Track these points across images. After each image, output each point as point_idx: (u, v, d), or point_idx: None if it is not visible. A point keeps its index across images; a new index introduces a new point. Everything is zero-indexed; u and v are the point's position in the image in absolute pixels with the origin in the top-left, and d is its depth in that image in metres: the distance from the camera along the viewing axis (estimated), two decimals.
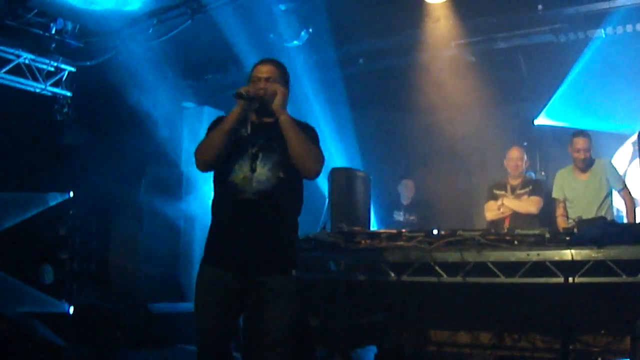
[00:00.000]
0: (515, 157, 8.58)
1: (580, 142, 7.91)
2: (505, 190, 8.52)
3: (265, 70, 4.64)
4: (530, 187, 8.42)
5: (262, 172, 4.45)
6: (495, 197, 8.51)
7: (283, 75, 4.70)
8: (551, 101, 10.50)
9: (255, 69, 4.70)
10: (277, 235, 4.49)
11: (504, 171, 8.72)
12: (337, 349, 6.69)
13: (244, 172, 4.45)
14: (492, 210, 8.44)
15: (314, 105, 10.44)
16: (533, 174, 9.93)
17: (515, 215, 8.26)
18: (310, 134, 4.64)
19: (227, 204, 4.50)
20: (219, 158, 4.49)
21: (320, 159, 4.58)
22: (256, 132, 4.57)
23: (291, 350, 4.47)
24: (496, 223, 8.31)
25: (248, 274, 4.40)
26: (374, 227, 8.72)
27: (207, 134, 4.62)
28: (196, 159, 4.54)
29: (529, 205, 8.29)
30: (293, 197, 4.64)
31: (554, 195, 8.22)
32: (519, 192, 8.41)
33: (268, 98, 4.50)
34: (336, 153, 10.41)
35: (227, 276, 4.40)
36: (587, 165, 7.98)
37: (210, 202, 4.69)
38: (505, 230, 6.41)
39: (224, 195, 4.54)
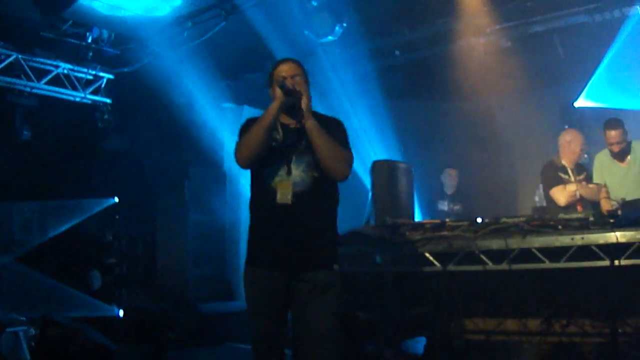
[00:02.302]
0: (573, 141, 8.30)
1: (612, 135, 7.72)
2: (567, 174, 8.24)
3: (289, 69, 4.70)
4: (585, 173, 8.23)
5: (297, 173, 4.54)
6: (562, 182, 8.18)
7: (306, 74, 4.76)
8: (590, 82, 10.34)
9: (277, 68, 4.73)
10: (317, 233, 4.59)
11: (546, 155, 8.60)
12: (387, 342, 6.71)
13: (280, 176, 4.54)
14: (566, 196, 8.04)
15: (351, 99, 10.45)
16: (586, 156, 9.75)
17: (584, 202, 8.02)
18: (338, 130, 4.73)
19: (266, 207, 4.57)
20: (260, 153, 4.54)
21: (348, 161, 4.65)
22: (286, 135, 4.64)
23: (339, 343, 4.53)
24: (545, 210, 8.13)
25: (292, 272, 4.50)
26: (418, 218, 8.67)
27: (241, 135, 4.69)
28: (237, 156, 4.61)
29: (595, 193, 7.85)
30: (329, 194, 4.72)
31: (595, 180, 7.99)
32: (578, 177, 8.23)
33: (300, 96, 4.57)
34: (377, 146, 10.39)
35: (272, 275, 4.51)
36: (624, 153, 7.81)
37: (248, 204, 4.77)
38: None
39: (262, 199, 4.62)
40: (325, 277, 4.52)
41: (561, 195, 8.07)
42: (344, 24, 9.30)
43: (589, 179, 8.16)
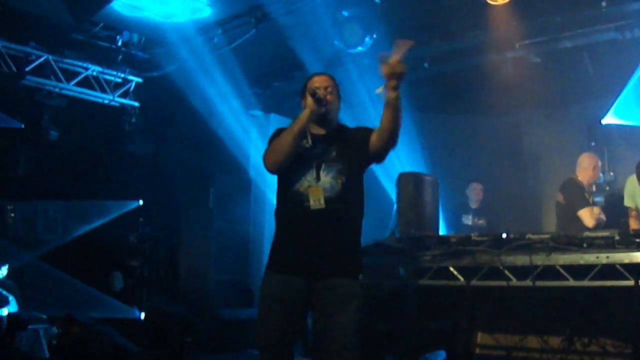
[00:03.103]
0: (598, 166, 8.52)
1: None
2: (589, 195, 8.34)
3: (323, 80, 4.81)
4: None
5: (327, 180, 4.61)
6: (588, 203, 8.23)
7: (338, 88, 4.88)
8: (618, 99, 10.27)
9: (311, 80, 4.84)
10: (344, 240, 4.66)
11: (571, 172, 8.59)
12: (406, 355, 6.70)
13: (309, 182, 4.61)
14: (594, 218, 8.05)
15: (379, 110, 10.41)
16: (602, 175, 9.76)
17: None
18: (365, 127, 4.90)
19: (294, 212, 4.64)
20: (289, 158, 4.64)
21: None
22: (315, 143, 4.73)
23: (358, 355, 4.54)
24: None
25: (318, 277, 4.54)
26: (442, 231, 8.66)
27: (270, 143, 4.78)
28: (265, 161, 4.72)
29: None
30: (356, 202, 4.80)
31: (626, 203, 8.00)
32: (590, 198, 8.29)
33: (331, 107, 4.71)
34: (403, 158, 10.35)
35: (296, 282, 4.55)
36: None
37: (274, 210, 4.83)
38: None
39: (290, 205, 4.68)
40: (350, 286, 4.58)
41: (591, 217, 8.06)
42: (374, 35, 9.31)
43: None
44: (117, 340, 7.17)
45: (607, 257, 5.49)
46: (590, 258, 5.54)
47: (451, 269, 6.07)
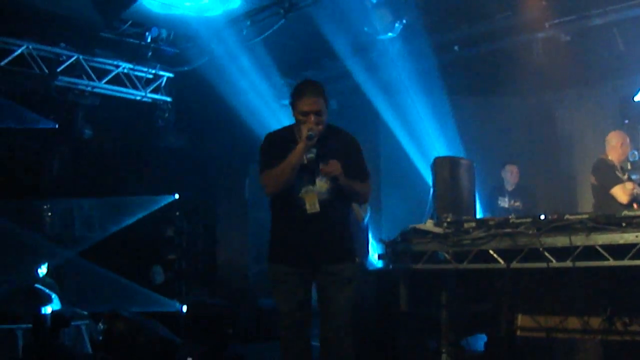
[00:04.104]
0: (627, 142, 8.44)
1: None
2: (621, 173, 8.28)
3: (313, 103, 5.16)
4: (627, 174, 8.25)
5: (321, 184, 5.18)
6: (620, 180, 8.19)
7: (326, 102, 5.27)
8: None
9: (301, 101, 5.19)
10: (339, 234, 5.31)
11: (604, 150, 8.55)
12: (448, 339, 6.71)
13: (306, 187, 5.17)
14: (628, 194, 8.04)
15: (412, 95, 10.43)
16: (636, 152, 9.67)
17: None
18: (357, 153, 5.42)
19: (292, 215, 5.20)
20: (287, 187, 5.17)
21: (368, 195, 5.57)
22: (308, 151, 5.16)
23: (352, 330, 5.22)
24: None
25: (319, 265, 5.18)
26: (479, 214, 8.63)
27: (263, 155, 5.38)
28: (266, 187, 5.31)
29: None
30: (346, 198, 5.39)
31: None
32: (623, 176, 8.21)
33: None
34: (437, 142, 10.34)
35: (300, 270, 5.18)
36: None
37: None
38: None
39: (288, 208, 5.23)
40: (349, 269, 5.25)
41: (623, 193, 8.07)
42: (404, 21, 9.28)
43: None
44: (163, 334, 7.23)
45: None
46: (629, 237, 5.50)
47: (491, 252, 6.07)
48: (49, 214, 11.13)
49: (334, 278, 5.16)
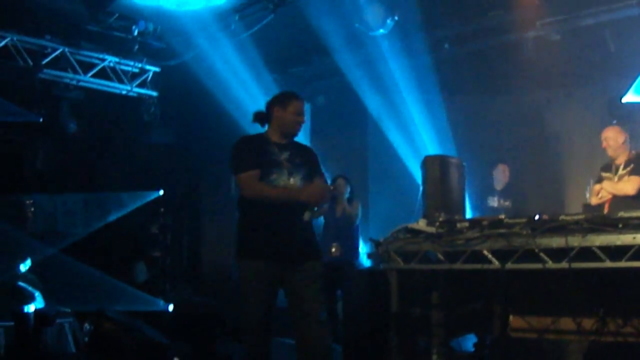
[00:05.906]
0: (604, 138, 8.21)
1: None
2: (611, 171, 8.14)
3: (301, 107, 5.67)
4: (632, 165, 7.99)
5: (295, 182, 5.47)
6: (601, 180, 8.13)
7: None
8: (639, 77, 10.19)
9: (297, 102, 5.66)
10: (308, 230, 5.54)
11: (592, 150, 8.50)
12: (438, 339, 6.66)
13: (284, 182, 5.43)
14: (594, 195, 8.06)
15: (401, 93, 10.39)
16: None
17: (615, 199, 7.86)
18: (317, 160, 5.78)
19: (269, 209, 5.32)
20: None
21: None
22: (282, 151, 5.52)
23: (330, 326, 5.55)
24: (596, 208, 8.00)
25: (290, 263, 5.33)
26: (468, 213, 8.59)
27: (235, 157, 5.56)
28: (243, 190, 5.49)
29: (625, 186, 7.84)
30: None
31: None
32: (621, 172, 8.07)
33: None
34: (428, 140, 10.30)
35: (271, 266, 5.27)
36: None
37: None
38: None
39: (265, 202, 5.34)
40: (318, 267, 5.47)
41: (591, 195, 8.13)
42: (395, 17, 9.24)
43: (636, 172, 7.90)
44: (150, 334, 7.12)
45: None
46: (627, 239, 5.41)
47: (485, 252, 6.00)
48: (32, 209, 10.98)
49: (301, 276, 5.35)
